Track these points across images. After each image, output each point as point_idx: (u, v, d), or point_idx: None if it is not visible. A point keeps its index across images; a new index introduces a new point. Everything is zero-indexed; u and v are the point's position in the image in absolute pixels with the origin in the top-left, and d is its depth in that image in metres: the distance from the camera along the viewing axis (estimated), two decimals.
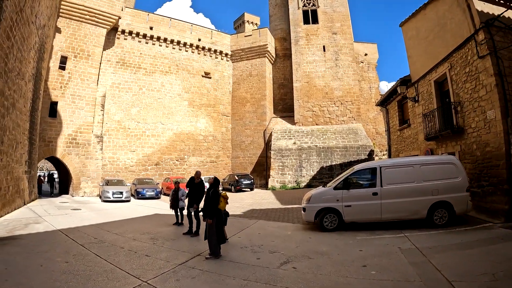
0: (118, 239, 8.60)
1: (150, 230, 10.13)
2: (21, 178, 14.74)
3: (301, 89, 30.22)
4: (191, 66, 31.12)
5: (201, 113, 31.02)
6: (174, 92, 29.70)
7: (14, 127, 13.42)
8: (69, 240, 8.30)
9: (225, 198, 7.71)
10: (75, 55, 22.63)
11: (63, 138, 21.53)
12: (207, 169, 29.85)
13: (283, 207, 15.54)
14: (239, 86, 33.17)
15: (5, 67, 11.54)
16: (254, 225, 11.01)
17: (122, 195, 18.64)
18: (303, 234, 9.48)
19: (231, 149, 32.44)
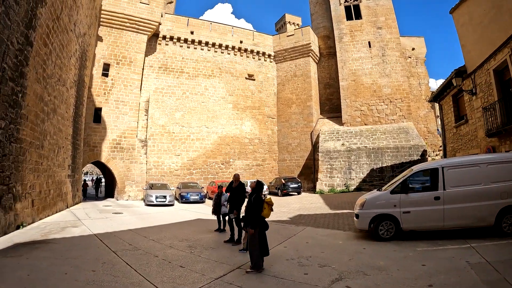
0: (153, 246, 8.14)
1: (190, 236, 9.61)
2: (64, 182, 15.10)
3: (348, 88, 28.88)
4: (234, 68, 30.89)
5: (246, 115, 30.63)
6: (218, 95, 29.58)
7: (56, 132, 13.73)
8: (102, 246, 8.00)
9: (269, 204, 6.65)
10: (117, 62, 23.21)
11: (107, 143, 22.08)
12: (253, 173, 29.40)
13: (332, 212, 14.51)
14: (284, 87, 32.41)
15: (43, 73, 11.77)
16: (301, 233, 10.11)
17: (165, 199, 18.56)
18: (356, 244, 8.43)
19: (277, 152, 31.65)
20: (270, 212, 6.68)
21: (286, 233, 9.96)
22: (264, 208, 6.48)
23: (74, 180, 17.30)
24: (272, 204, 6.75)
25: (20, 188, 9.75)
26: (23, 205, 9.90)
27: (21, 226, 9.49)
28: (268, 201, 6.66)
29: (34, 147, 11.09)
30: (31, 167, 10.69)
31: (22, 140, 9.99)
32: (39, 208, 11.36)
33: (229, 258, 7.17)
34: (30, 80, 10.50)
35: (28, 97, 10.40)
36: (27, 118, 10.38)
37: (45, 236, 8.75)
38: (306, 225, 11.42)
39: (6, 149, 8.87)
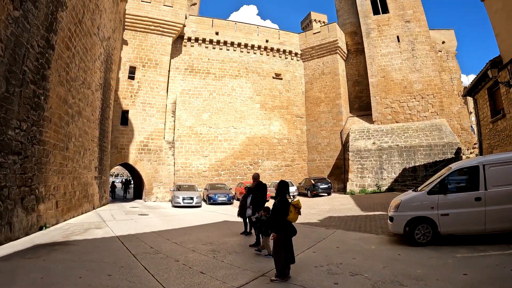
0: (175, 250, 7.85)
1: (214, 239, 9.25)
2: (90, 183, 15.30)
3: (378, 85, 27.88)
4: (261, 68, 30.54)
5: (274, 115, 30.19)
6: (245, 95, 29.35)
7: (81, 134, 13.91)
8: (122, 249, 7.82)
9: (296, 207, 5.89)
10: (143, 65, 23.48)
11: (135, 145, 22.35)
12: (282, 173, 28.95)
13: (363, 214, 13.80)
14: (312, 86, 31.73)
15: (66, 76, 11.91)
16: (331, 236, 9.53)
17: (192, 200, 18.47)
18: (390, 249, 7.78)
19: (306, 152, 31.00)
20: (298, 216, 5.94)
21: (315, 236, 9.43)
22: (290, 211, 5.81)
23: (101, 182, 17.54)
24: (300, 207, 5.98)
25: (44, 190, 9.83)
26: (46, 206, 9.98)
27: (44, 227, 9.56)
28: (295, 203, 5.93)
29: (59, 149, 11.21)
30: (55, 169, 10.80)
31: (45, 142, 10.08)
32: (63, 210, 11.49)
33: (254, 264, 6.74)
34: (52, 83, 10.61)
35: (51, 100, 10.51)
36: (50, 120, 10.49)
37: (66, 237, 8.73)
38: (337, 228, 10.83)
39: (28, 151, 8.94)
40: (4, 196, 7.64)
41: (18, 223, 8.18)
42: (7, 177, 7.78)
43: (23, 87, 8.67)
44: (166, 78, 25.05)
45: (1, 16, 7.52)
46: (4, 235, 7.53)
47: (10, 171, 7.93)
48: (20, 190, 8.40)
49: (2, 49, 7.64)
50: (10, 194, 7.87)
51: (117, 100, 21.84)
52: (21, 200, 8.44)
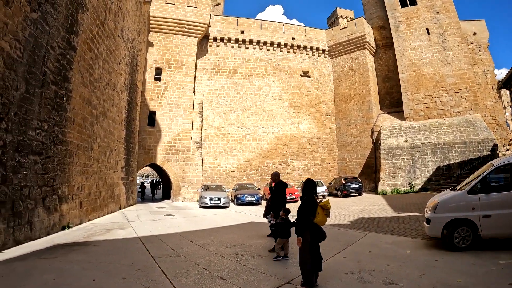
0: (197, 252, 7.52)
1: (239, 242, 8.84)
2: (117, 183, 15.45)
3: (408, 80, 26.68)
4: (288, 66, 30.01)
5: (303, 114, 29.57)
6: (273, 94, 28.93)
7: (106, 134, 14.04)
8: (142, 250, 7.61)
9: (324, 209, 5.29)
10: (169, 66, 23.65)
11: (162, 146, 22.52)
12: (311, 173, 28.27)
13: (397, 216, 13.02)
14: (341, 83, 30.81)
15: (90, 77, 12.01)
16: (363, 240, 8.88)
17: (219, 201, 18.29)
18: (426, 254, 7.08)
19: (336, 151, 30.08)
20: (326, 219, 5.35)
21: (345, 239, 8.83)
22: (318, 213, 5.22)
23: (128, 182, 17.73)
24: (328, 208, 5.34)
25: (67, 190, 9.90)
26: (69, 206, 10.05)
27: (66, 227, 9.61)
28: (323, 205, 5.31)
29: (83, 149, 11.30)
30: (79, 169, 10.88)
31: (68, 143, 10.15)
32: (88, 210, 11.57)
33: (279, 269, 6.23)
34: (75, 84, 10.69)
35: (73, 101, 10.59)
36: (73, 121, 10.57)
37: (87, 237, 8.69)
38: (368, 230, 10.17)
39: (50, 151, 9.00)
40: (24, 196, 7.67)
41: (39, 223, 8.22)
42: (27, 177, 7.82)
43: (43, 87, 8.73)
44: (193, 79, 25.10)
45: (18, 18, 7.57)
46: (23, 234, 7.56)
47: (30, 171, 7.98)
48: (42, 190, 8.44)
49: (20, 50, 7.69)
50: (30, 193, 7.91)
51: (144, 102, 22.10)
52: (43, 200, 8.49)
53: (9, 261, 6.21)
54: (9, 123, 7.28)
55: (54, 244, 7.71)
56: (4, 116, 7.14)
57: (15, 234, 7.27)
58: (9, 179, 7.16)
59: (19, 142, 7.61)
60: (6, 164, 7.10)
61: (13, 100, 7.45)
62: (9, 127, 7.28)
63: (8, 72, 7.27)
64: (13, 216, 7.22)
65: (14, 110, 7.47)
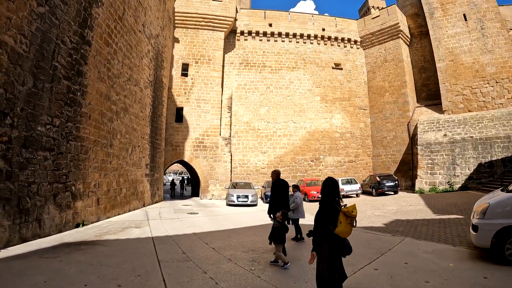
0: (209, 257, 6.90)
1: (259, 246, 8.08)
2: (140, 180, 15.35)
3: (446, 70, 24.76)
4: (319, 58, 28.87)
5: (336, 108, 28.32)
6: (304, 87, 27.95)
7: (128, 131, 13.93)
8: (151, 253, 7.13)
9: (348, 216, 3.96)
10: (195, 61, 23.44)
11: (190, 142, 22.36)
12: (345, 170, 27.12)
13: (436, 218, 11.76)
14: (375, 75, 29.20)
15: (108, 72, 11.87)
16: (398, 247, 7.73)
17: (247, 198, 17.68)
18: (472, 268, 5.95)
19: (371, 147, 28.52)
20: (350, 229, 4.00)
21: (378, 246, 7.79)
22: (340, 221, 3.95)
23: (154, 179, 17.64)
24: (354, 216, 3.96)
25: (82, 187, 9.75)
26: (85, 203, 9.90)
27: (80, 225, 9.46)
28: (347, 211, 3.95)
29: (100, 145, 11.16)
30: (96, 166, 10.74)
31: (83, 138, 10.01)
32: (106, 207, 11.44)
33: (297, 283, 5.33)
34: (91, 78, 10.54)
35: (89, 96, 10.44)
36: (89, 116, 10.43)
37: (99, 236, 8.42)
38: (405, 235, 9.12)
39: (63, 147, 8.84)
40: (32, 193, 7.51)
41: (49, 220, 8.07)
42: (35, 173, 7.66)
43: (54, 82, 8.57)
44: (221, 73, 24.71)
45: (23, 12, 7.39)
46: (31, 231, 7.40)
47: (39, 167, 7.82)
48: (52, 186, 8.29)
49: (26, 45, 7.52)
50: (39, 190, 7.75)
51: (171, 98, 22.04)
52: (54, 196, 8.33)
53: (8, 259, 6.01)
54: (14, 119, 7.12)
55: (63, 242, 7.49)
56: (9, 111, 6.97)
57: (21, 231, 7.11)
58: (14, 175, 7.00)
59: (26, 138, 7.45)
60: (11, 160, 6.94)
61: (19, 95, 7.29)
62: (14, 123, 7.12)
63: (12, 66, 7.10)
64: (19, 213, 7.06)
65: (20, 105, 7.31)
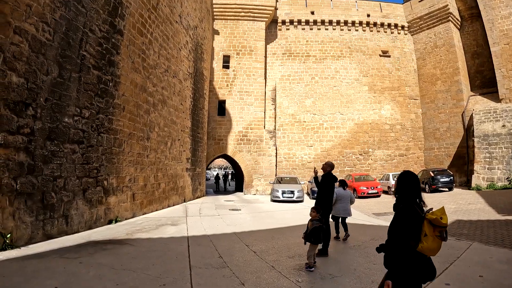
0: (249, 263, 5.97)
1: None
2: (180, 175, 14.90)
3: (502, 54, 21.79)
4: (365, 46, 26.91)
5: (385, 98, 26.26)
6: (350, 77, 26.27)
7: (167, 124, 13.50)
8: (183, 256, 6.32)
9: (437, 225, 2.70)
10: (237, 53, 22.80)
11: (233, 136, 21.78)
12: (395, 164, 25.12)
13: (502, 219, 10.10)
14: (425, 62, 26.60)
15: (143, 62, 11.44)
16: (467, 254, 6.36)
17: (293, 194, 16.74)
18: None
19: (423, 139, 26.10)
20: (440, 244, 2.74)
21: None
22: (424, 234, 2.72)
23: (195, 174, 17.20)
24: (445, 224, 2.69)
25: (115, 181, 9.33)
26: (119, 198, 9.48)
27: (113, 221, 9.02)
28: (435, 218, 2.70)
29: (136, 138, 10.75)
30: (131, 159, 10.32)
31: (117, 131, 9.60)
32: (142, 203, 11.00)
33: None
34: (124, 69, 10.13)
35: (123, 86, 10.03)
36: (123, 108, 10.01)
37: (129, 234, 7.84)
38: (471, 239, 7.66)
39: (93, 140, 8.44)
40: (58, 187, 7.12)
41: (77, 216, 7.66)
42: (62, 167, 7.27)
43: (82, 72, 8.17)
44: (263, 65, 23.85)
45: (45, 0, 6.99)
46: (57, 228, 7.01)
47: (66, 160, 7.42)
48: (81, 181, 7.88)
49: (50, 33, 7.13)
50: (66, 185, 7.35)
51: (212, 91, 21.62)
52: (83, 191, 7.93)
53: (25, 258, 5.56)
54: (37, 109, 6.73)
55: (90, 240, 7.01)
56: (31, 101, 6.59)
57: (46, 227, 6.71)
58: (38, 169, 6.61)
59: (51, 130, 7.05)
60: (34, 153, 6.55)
61: (43, 85, 6.90)
62: (38, 114, 6.73)
63: (34, 55, 6.71)
64: (43, 209, 6.67)
65: (44, 95, 6.93)
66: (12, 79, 6.22)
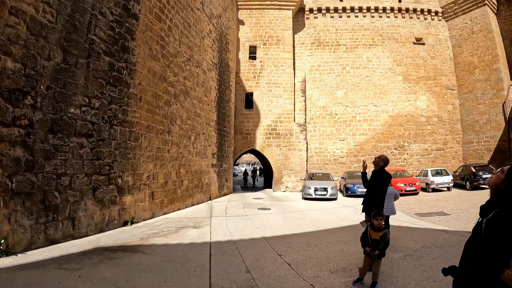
0: (283, 280, 4.86)
1: (351, 260, 5.80)
2: (206, 171, 14.00)
3: None
4: (398, 33, 24.96)
5: (420, 88, 24.21)
6: (383, 66, 24.48)
7: (190, 116, 12.63)
8: (203, 268, 5.28)
9: None
10: (263, 43, 21.69)
11: (261, 129, 20.74)
12: (432, 159, 23.11)
13: None
14: (461, 49, 24.25)
15: (162, 50, 10.60)
16: None
17: (326, 192, 15.51)
18: None
19: (461, 132, 23.85)
20: None
21: None
22: None
23: (222, 170, 16.27)
24: None
25: (131, 179, 8.51)
26: (135, 198, 8.65)
27: (129, 223, 8.19)
28: None
29: (155, 132, 9.91)
30: (149, 155, 9.48)
31: (132, 123, 8.77)
32: (163, 202, 10.14)
33: None
34: (140, 56, 9.29)
35: (139, 75, 9.19)
36: (140, 98, 9.18)
37: (144, 239, 6.94)
38: None
39: (105, 133, 7.63)
40: (63, 186, 6.33)
41: (86, 218, 6.86)
42: (67, 163, 6.47)
43: (91, 58, 7.36)
44: (291, 55, 22.58)
45: None
46: (62, 232, 6.22)
47: (72, 156, 6.63)
48: (91, 179, 7.08)
49: (52, 15, 6.33)
50: (72, 183, 6.56)
51: (239, 83, 20.66)
52: (93, 190, 7.13)
53: (18, 267, 4.77)
54: (37, 98, 5.95)
55: (97, 246, 6.14)
56: (30, 89, 5.81)
57: (48, 231, 5.93)
58: (38, 166, 5.82)
59: (54, 121, 6.26)
60: (33, 147, 5.77)
61: (44, 71, 6.12)
62: (37, 103, 5.95)
63: (34, 38, 5.93)
64: (44, 210, 5.88)
65: (45, 83, 6.14)
66: (6, 64, 5.47)
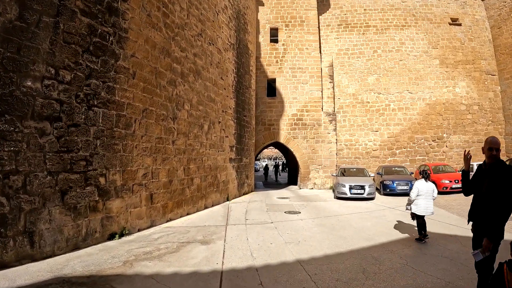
0: None
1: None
2: (222, 167, 11.92)
3: None
4: (432, 13, 22.25)
5: (459, 73, 21.44)
6: (418, 49, 21.79)
7: (202, 100, 10.59)
8: None
9: None
10: (286, 24, 19.53)
11: (286, 120, 18.60)
12: (473, 152, 19.89)
13: None
14: (501, 30, 21.32)
15: (164, 18, 8.60)
16: None
17: (363, 190, 13.33)
18: None
19: (503, 122, 21.01)
20: None
21: None
22: None
23: (241, 165, 14.18)
24: None
25: (119, 177, 6.52)
26: (127, 202, 6.66)
27: (117, 235, 6.19)
28: None
29: (155, 117, 7.89)
30: (147, 146, 7.48)
31: (122, 105, 6.78)
32: (166, 206, 8.12)
33: None
34: (134, 21, 7.32)
35: (132, 44, 7.21)
36: (133, 74, 7.19)
37: (129, 264, 4.90)
38: None
39: (79, 116, 5.67)
40: (13, 189, 4.40)
41: (51, 232, 4.91)
42: (19, 157, 4.53)
43: (61, 16, 5.42)
44: (317, 37, 20.26)
45: None
46: (13, 252, 4.34)
47: (28, 146, 4.69)
48: (57, 178, 5.13)
49: None
50: (28, 185, 4.62)
51: (260, 68, 18.58)
52: (61, 194, 5.17)
53: None
54: None
55: (58, 276, 4.16)
56: None
57: None
58: None
59: None
60: None
61: None
62: None
63: None
64: None
65: None
66: None
